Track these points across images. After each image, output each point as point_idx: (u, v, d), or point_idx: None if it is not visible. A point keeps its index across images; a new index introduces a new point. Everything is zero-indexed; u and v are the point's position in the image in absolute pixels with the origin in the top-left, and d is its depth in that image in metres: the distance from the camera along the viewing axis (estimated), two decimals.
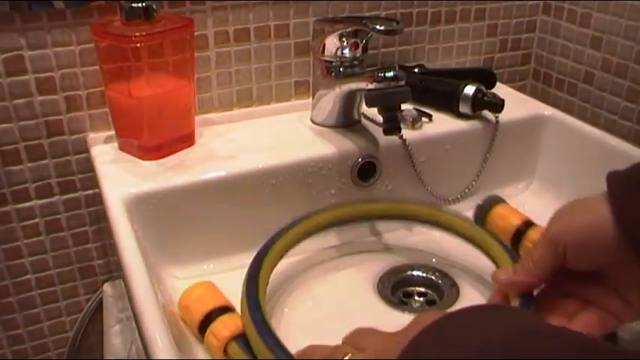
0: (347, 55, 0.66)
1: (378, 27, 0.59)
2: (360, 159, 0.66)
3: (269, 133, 0.69)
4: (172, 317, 0.51)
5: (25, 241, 0.70)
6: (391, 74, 0.59)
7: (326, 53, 0.66)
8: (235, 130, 0.70)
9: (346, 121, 0.70)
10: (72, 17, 0.63)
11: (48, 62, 0.64)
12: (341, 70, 0.66)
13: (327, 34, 0.65)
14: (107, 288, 0.73)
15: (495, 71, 0.83)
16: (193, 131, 0.67)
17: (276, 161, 0.63)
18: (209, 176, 0.61)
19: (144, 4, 0.59)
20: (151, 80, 0.61)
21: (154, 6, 0.59)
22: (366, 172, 0.67)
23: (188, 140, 0.66)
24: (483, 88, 0.72)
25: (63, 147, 0.68)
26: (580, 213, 0.44)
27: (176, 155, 0.64)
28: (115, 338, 0.72)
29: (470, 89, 0.71)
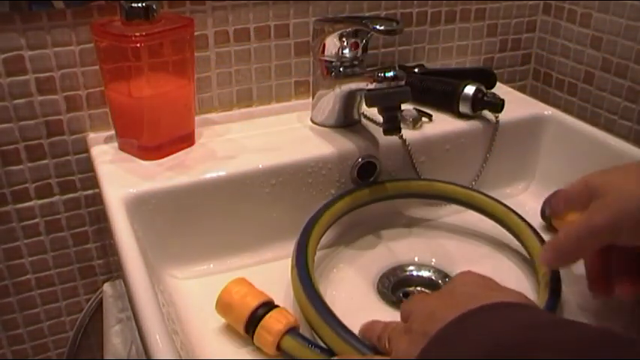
0: (347, 55, 0.66)
1: (378, 27, 0.59)
2: (360, 159, 0.66)
3: (269, 133, 0.69)
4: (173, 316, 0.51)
5: (25, 241, 0.70)
6: (391, 74, 0.59)
7: (326, 53, 0.66)
8: (235, 130, 0.70)
9: (346, 121, 0.70)
10: (72, 17, 0.63)
11: (48, 62, 0.64)
12: (341, 70, 0.66)
13: (327, 34, 0.65)
14: (107, 288, 0.73)
15: (495, 71, 0.83)
16: (193, 131, 0.67)
17: (276, 161, 0.63)
18: (209, 176, 0.61)
19: (144, 4, 0.59)
20: (151, 80, 0.61)
21: (154, 6, 0.59)
22: (366, 172, 0.67)
23: (188, 140, 0.66)
24: (483, 88, 0.72)
25: (63, 147, 0.68)
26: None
27: (176, 155, 0.64)
28: (115, 338, 0.72)
29: (470, 89, 0.71)
